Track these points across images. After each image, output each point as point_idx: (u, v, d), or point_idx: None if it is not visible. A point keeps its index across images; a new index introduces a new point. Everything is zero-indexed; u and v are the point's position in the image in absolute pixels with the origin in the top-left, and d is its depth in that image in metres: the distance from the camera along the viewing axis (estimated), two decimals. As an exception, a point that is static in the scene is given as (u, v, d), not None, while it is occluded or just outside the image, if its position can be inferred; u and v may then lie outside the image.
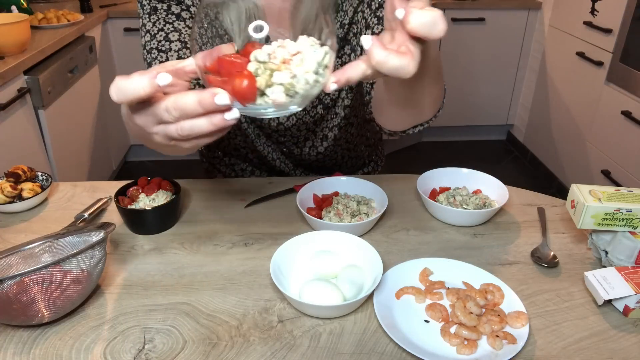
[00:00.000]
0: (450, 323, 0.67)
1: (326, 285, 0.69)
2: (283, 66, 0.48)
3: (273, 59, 0.48)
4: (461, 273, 0.75)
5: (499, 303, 0.70)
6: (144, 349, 0.64)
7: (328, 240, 0.78)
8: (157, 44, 0.84)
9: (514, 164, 3.09)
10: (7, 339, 0.65)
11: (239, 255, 0.81)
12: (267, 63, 0.48)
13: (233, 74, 0.48)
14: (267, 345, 0.64)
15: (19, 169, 0.94)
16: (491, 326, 0.65)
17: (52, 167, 2.01)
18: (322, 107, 0.96)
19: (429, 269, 0.76)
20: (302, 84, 0.48)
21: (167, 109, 0.49)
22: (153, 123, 0.51)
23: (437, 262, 0.77)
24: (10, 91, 1.69)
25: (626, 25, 2.09)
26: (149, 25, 0.86)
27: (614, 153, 2.22)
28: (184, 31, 0.85)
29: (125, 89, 0.48)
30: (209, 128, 0.49)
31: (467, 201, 0.89)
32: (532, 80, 2.94)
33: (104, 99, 2.54)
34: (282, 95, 0.48)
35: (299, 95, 0.49)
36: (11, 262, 0.71)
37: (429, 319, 0.68)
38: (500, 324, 0.66)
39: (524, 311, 0.67)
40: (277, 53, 0.48)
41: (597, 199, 0.75)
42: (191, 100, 0.47)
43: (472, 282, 0.74)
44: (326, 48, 0.49)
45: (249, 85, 0.47)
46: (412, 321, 0.68)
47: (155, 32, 0.85)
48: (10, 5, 2.10)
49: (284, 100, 0.48)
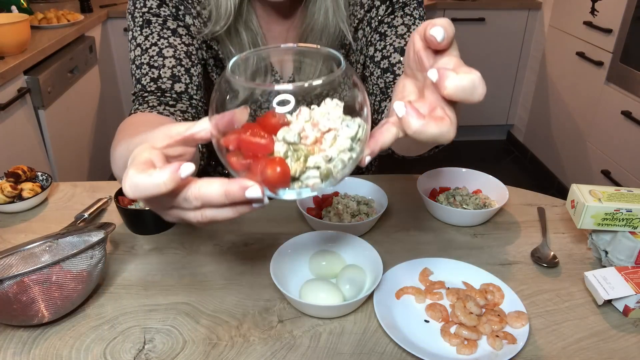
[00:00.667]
0: (450, 323, 0.67)
1: (326, 285, 0.69)
2: (316, 147, 0.43)
3: (304, 138, 0.42)
4: (461, 273, 0.75)
5: (499, 303, 0.70)
6: (144, 349, 0.64)
7: (328, 240, 0.78)
8: (148, 59, 0.80)
9: (514, 164, 3.09)
10: (7, 339, 0.65)
11: (239, 255, 0.81)
12: (297, 145, 0.42)
13: (259, 157, 0.42)
14: (267, 345, 0.64)
15: (19, 169, 0.94)
16: (491, 326, 0.65)
17: (52, 167, 2.01)
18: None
19: (429, 269, 0.76)
20: (339, 167, 0.43)
21: (187, 199, 0.42)
22: (167, 208, 0.45)
23: (437, 262, 0.77)
24: (10, 91, 1.69)
25: (626, 25, 2.09)
26: (140, 39, 0.81)
27: (614, 153, 2.22)
28: (180, 48, 0.81)
29: (143, 187, 0.41)
30: (234, 215, 0.44)
31: (467, 201, 0.89)
32: (532, 80, 2.94)
33: (104, 99, 2.54)
34: (318, 179, 0.43)
35: (335, 177, 0.44)
36: (11, 262, 0.71)
37: (429, 319, 0.68)
38: (500, 324, 0.66)
39: (524, 311, 0.67)
40: (308, 132, 0.43)
41: (597, 199, 0.75)
42: (217, 192, 0.41)
43: (472, 282, 0.74)
44: (359, 120, 0.43)
45: (282, 173, 0.41)
46: (412, 321, 0.68)
47: (147, 47, 0.80)
48: (10, 5, 2.10)
49: (320, 185, 0.43)
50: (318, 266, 0.74)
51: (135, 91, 0.82)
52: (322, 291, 0.68)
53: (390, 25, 0.86)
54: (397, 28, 0.85)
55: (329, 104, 0.44)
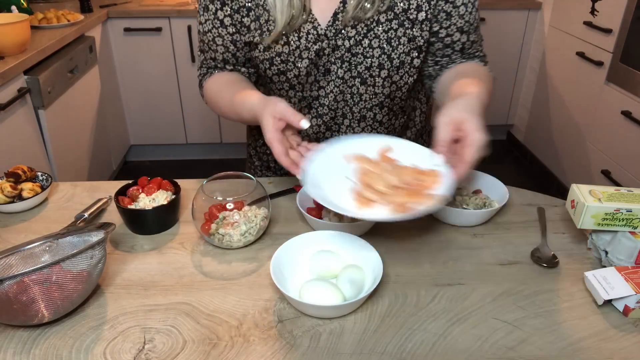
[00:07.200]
0: (367, 188, 0.73)
1: (326, 285, 0.69)
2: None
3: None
4: (418, 157, 0.79)
5: (428, 187, 0.73)
6: (144, 349, 0.64)
7: (328, 240, 0.78)
8: (207, 41, 0.98)
9: (514, 164, 3.09)
10: (7, 339, 0.65)
11: (239, 255, 0.81)
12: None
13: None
14: (267, 345, 0.64)
15: (19, 169, 0.94)
16: (400, 199, 0.70)
17: (52, 167, 2.01)
18: (360, 81, 0.96)
19: (391, 148, 0.81)
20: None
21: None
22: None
23: (401, 143, 0.81)
24: (10, 91, 1.69)
25: (626, 25, 2.09)
26: (202, 20, 0.97)
27: (614, 153, 2.22)
28: (226, 37, 0.96)
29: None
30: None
31: (467, 201, 0.89)
32: (532, 80, 2.94)
33: (104, 99, 2.54)
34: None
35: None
36: (11, 262, 0.71)
37: (353, 179, 0.75)
38: (409, 197, 0.70)
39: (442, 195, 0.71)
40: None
41: (597, 199, 0.75)
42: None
43: (422, 164, 0.78)
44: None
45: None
46: (336, 176, 0.76)
47: (206, 30, 0.97)
48: (10, 5, 2.10)
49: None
50: (318, 266, 0.74)
51: (203, 57, 1.03)
52: (322, 291, 0.68)
53: (454, 5, 0.91)
54: (458, 8, 0.91)
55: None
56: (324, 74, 0.95)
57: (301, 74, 0.94)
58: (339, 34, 0.90)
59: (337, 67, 0.93)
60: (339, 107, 0.99)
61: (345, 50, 0.91)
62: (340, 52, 0.92)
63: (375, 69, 0.92)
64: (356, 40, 0.90)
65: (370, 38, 0.90)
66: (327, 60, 0.93)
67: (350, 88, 0.96)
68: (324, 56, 0.92)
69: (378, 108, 1.00)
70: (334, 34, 0.90)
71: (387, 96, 0.98)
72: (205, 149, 3.05)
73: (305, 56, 0.91)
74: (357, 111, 0.99)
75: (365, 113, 1.00)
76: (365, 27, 0.89)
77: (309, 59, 0.92)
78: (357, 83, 0.95)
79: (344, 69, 0.93)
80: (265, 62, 0.94)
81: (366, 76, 0.94)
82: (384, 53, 0.90)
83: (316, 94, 0.98)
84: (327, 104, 0.98)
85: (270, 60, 0.93)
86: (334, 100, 0.98)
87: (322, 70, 0.94)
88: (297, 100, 1.00)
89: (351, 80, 0.95)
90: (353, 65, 0.93)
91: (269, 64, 0.94)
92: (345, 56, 0.92)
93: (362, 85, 0.95)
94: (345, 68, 0.93)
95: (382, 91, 0.96)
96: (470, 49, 0.97)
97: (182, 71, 2.75)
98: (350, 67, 0.93)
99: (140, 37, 2.65)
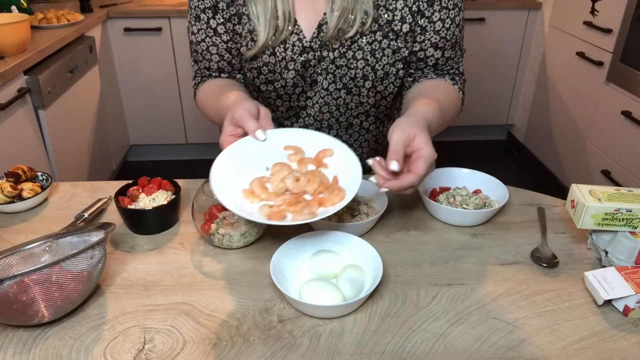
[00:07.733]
0: (261, 183, 0.76)
1: (326, 285, 0.69)
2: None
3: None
4: (346, 171, 0.77)
5: (321, 204, 0.73)
6: (144, 349, 0.64)
7: (328, 240, 0.78)
8: (201, 51, 0.98)
9: (514, 164, 3.09)
10: (7, 339, 0.65)
11: (239, 255, 0.81)
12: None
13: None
14: (267, 345, 0.64)
15: (19, 169, 0.94)
16: (278, 204, 0.73)
17: (52, 167, 2.01)
18: (346, 92, 0.96)
19: (332, 152, 0.79)
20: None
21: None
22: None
23: (344, 152, 0.78)
24: (10, 91, 1.69)
25: (626, 25, 2.09)
26: (194, 30, 0.96)
27: (614, 153, 2.21)
28: (221, 46, 0.96)
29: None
30: None
31: (467, 201, 0.89)
32: (532, 80, 2.94)
33: (104, 99, 2.54)
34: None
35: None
36: (11, 262, 0.71)
37: (271, 169, 0.78)
38: (288, 207, 0.73)
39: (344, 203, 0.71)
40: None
41: (597, 199, 0.75)
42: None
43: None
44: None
45: None
46: (257, 164, 0.78)
47: (199, 40, 0.97)
48: (10, 5, 2.10)
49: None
50: (318, 266, 0.74)
51: (197, 67, 1.04)
52: (322, 291, 0.68)
53: (430, 21, 0.90)
54: (435, 24, 0.91)
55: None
56: (310, 85, 0.95)
57: (288, 84, 0.94)
58: (324, 46, 0.91)
59: (323, 78, 0.94)
60: (325, 118, 1.00)
61: (330, 62, 0.92)
62: (326, 64, 0.92)
63: (359, 79, 0.93)
64: (340, 52, 0.90)
65: (355, 50, 0.90)
66: (314, 72, 0.93)
67: (335, 100, 0.97)
68: (310, 67, 0.93)
69: (364, 116, 1.01)
70: (319, 46, 0.91)
71: (373, 105, 0.99)
72: (205, 149, 3.05)
73: (292, 67, 0.92)
74: (344, 120, 1.01)
75: (352, 121, 1.01)
76: (350, 39, 0.89)
77: (295, 70, 0.92)
78: (342, 94, 0.96)
79: (329, 80, 0.94)
80: (253, 71, 0.95)
81: (351, 86, 0.94)
82: (368, 65, 0.91)
83: (303, 104, 0.98)
84: (313, 114, 0.99)
85: (258, 69, 0.94)
86: (320, 111, 0.99)
87: (308, 81, 0.95)
88: (284, 109, 1.00)
89: (336, 92, 0.95)
90: (338, 76, 0.93)
91: (256, 72, 0.94)
92: (330, 67, 0.92)
93: (347, 95, 0.96)
94: (330, 79, 0.94)
95: (367, 100, 0.97)
96: (445, 65, 0.97)
97: (182, 71, 2.75)
98: (335, 79, 0.94)
99: (140, 37, 2.65)
